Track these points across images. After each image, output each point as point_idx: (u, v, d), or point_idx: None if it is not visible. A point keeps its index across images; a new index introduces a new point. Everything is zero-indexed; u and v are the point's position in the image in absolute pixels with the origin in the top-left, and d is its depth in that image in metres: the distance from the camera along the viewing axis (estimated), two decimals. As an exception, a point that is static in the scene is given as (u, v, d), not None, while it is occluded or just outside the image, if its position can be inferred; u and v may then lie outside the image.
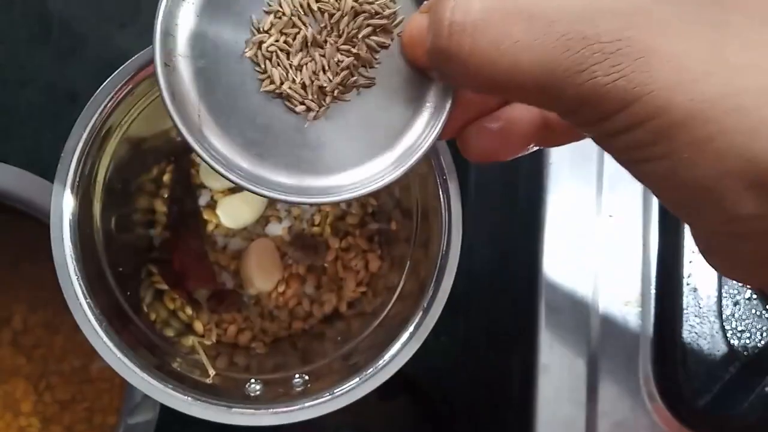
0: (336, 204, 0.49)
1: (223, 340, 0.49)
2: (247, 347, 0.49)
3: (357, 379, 0.39)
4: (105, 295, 0.42)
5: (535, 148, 0.32)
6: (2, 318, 0.55)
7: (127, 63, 0.38)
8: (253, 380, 0.42)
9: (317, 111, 0.31)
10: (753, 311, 0.45)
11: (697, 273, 0.42)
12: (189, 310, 0.49)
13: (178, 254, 0.47)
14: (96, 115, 0.39)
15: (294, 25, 0.31)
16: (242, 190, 0.48)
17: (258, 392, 0.42)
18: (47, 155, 0.57)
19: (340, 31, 0.31)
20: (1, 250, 0.55)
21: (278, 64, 0.31)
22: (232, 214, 0.49)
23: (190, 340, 0.47)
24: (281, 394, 0.41)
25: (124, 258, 0.45)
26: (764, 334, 0.45)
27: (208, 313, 0.48)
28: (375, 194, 0.50)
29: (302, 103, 0.31)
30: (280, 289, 0.49)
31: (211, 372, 0.43)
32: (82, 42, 0.59)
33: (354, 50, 0.31)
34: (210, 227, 0.50)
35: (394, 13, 0.31)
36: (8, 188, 0.48)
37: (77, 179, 0.39)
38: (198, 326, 0.49)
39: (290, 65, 0.31)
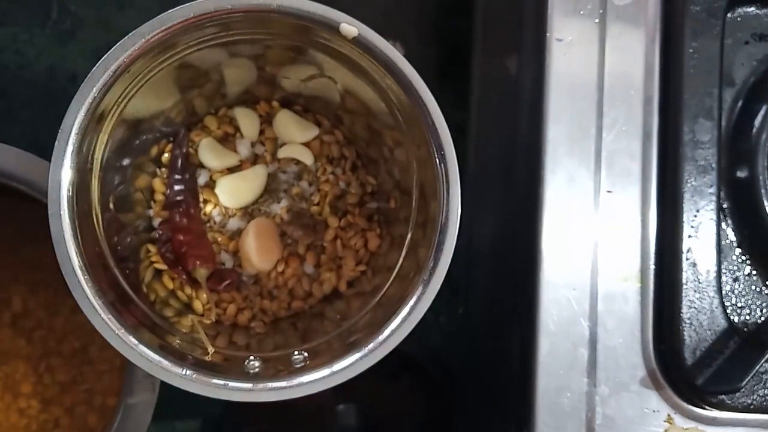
0: None
1: (222, 319, 0.49)
2: (246, 327, 0.49)
3: (356, 354, 0.39)
4: (104, 273, 0.42)
5: None
6: (1, 300, 0.55)
7: (123, 40, 0.38)
8: (252, 357, 0.42)
9: None
10: (753, 287, 0.45)
11: (697, 248, 0.42)
12: (188, 290, 0.49)
13: (177, 234, 0.47)
14: (93, 92, 0.39)
15: None
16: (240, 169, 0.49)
17: (257, 369, 0.41)
18: (48, 137, 0.56)
19: None
20: (1, 231, 0.55)
21: None
22: (231, 193, 0.49)
23: (189, 320, 0.47)
24: (280, 371, 0.41)
25: (123, 237, 0.45)
26: (764, 311, 0.45)
27: (207, 292, 0.47)
28: (374, 173, 0.50)
29: None
30: (280, 268, 0.49)
31: (210, 349, 0.43)
32: (81, 24, 0.59)
33: None
34: (209, 207, 0.49)
35: None
36: (9, 169, 0.48)
37: (75, 156, 0.39)
38: (197, 306, 0.49)
39: None
